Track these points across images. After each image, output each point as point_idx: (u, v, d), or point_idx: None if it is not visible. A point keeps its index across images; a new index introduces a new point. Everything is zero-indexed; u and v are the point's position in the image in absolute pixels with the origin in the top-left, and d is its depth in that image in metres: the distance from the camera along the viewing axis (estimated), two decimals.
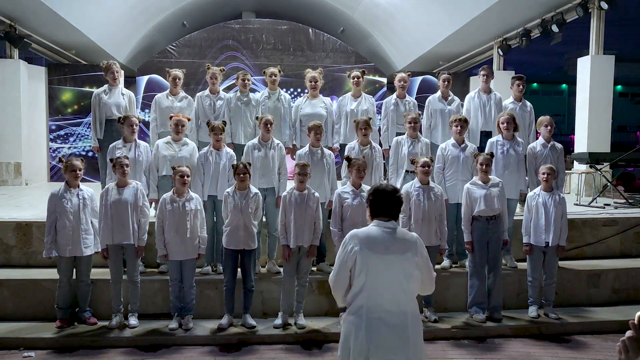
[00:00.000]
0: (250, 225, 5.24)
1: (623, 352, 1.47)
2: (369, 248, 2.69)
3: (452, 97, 6.88)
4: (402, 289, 2.67)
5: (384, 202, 2.83)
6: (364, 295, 2.65)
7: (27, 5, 8.98)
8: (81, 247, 5.20)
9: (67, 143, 11.45)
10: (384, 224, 2.79)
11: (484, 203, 5.42)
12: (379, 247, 2.70)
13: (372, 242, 2.71)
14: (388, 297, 2.64)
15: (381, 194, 2.85)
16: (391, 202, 2.84)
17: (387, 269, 2.66)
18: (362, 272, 2.66)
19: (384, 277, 2.66)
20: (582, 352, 5.02)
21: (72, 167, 5.21)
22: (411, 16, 11.74)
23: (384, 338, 2.59)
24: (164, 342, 5.07)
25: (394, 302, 2.64)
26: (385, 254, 2.68)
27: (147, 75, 11.49)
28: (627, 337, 1.47)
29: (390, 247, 2.70)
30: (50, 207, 5.22)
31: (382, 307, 2.63)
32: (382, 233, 2.75)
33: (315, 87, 6.55)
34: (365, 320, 2.62)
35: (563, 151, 6.27)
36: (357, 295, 2.68)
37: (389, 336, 2.59)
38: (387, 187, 2.90)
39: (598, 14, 9.06)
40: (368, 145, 5.98)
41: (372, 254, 2.67)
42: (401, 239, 2.76)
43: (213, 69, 6.63)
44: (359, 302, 2.66)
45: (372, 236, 2.74)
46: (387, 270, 2.66)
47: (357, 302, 2.67)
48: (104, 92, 6.46)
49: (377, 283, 2.65)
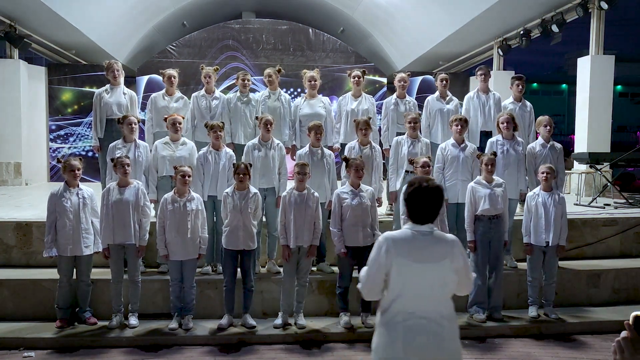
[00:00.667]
0: (249, 226, 5.24)
1: (618, 353, 1.47)
2: (405, 255, 2.53)
3: (451, 96, 6.89)
4: (439, 295, 2.56)
5: (423, 205, 2.60)
6: (399, 303, 2.53)
7: (27, 5, 8.98)
8: (81, 246, 5.20)
9: (67, 143, 11.45)
10: (420, 227, 2.61)
11: (488, 202, 5.42)
12: (416, 254, 2.54)
13: (408, 249, 2.55)
14: (424, 304, 2.53)
15: (420, 194, 2.60)
16: (432, 204, 2.61)
17: (424, 277, 2.53)
18: (398, 279, 2.53)
19: (421, 285, 2.53)
20: (582, 352, 5.02)
21: (71, 166, 5.22)
22: (411, 16, 11.74)
23: (421, 346, 2.49)
24: (164, 342, 5.07)
25: (431, 308, 2.53)
26: (422, 262, 2.53)
27: (147, 75, 11.49)
28: (622, 338, 1.47)
29: (427, 254, 2.55)
30: (50, 207, 5.22)
31: (418, 313, 2.52)
32: (419, 238, 2.58)
33: (314, 86, 6.55)
34: (402, 329, 2.50)
35: (562, 151, 6.27)
36: (392, 302, 2.55)
37: (426, 344, 2.50)
38: (428, 184, 2.61)
39: (598, 14, 9.06)
40: (368, 145, 5.98)
41: (408, 261, 2.52)
42: (438, 243, 2.58)
43: (206, 69, 6.63)
44: (394, 310, 2.54)
45: (408, 242, 2.57)
46: (424, 278, 2.53)
47: (392, 310, 2.55)
48: (106, 92, 6.46)
49: (413, 291, 2.53)
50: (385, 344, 2.53)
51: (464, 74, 13.63)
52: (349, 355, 4.91)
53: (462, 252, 2.62)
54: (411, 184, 2.65)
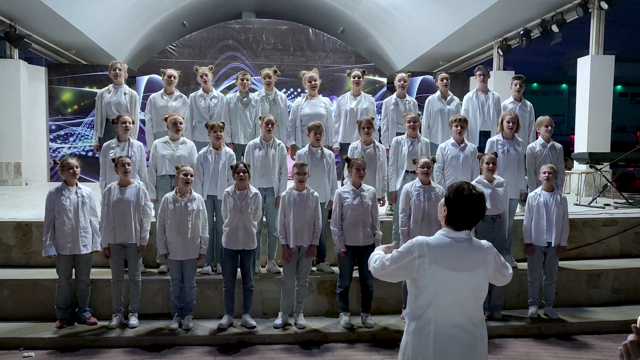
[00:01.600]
0: (249, 226, 5.24)
1: (625, 356, 1.46)
2: (439, 263, 2.46)
3: (452, 96, 6.88)
4: (472, 303, 2.52)
5: (464, 211, 2.51)
6: (432, 310, 2.48)
7: (27, 5, 8.98)
8: (80, 245, 5.20)
9: (67, 143, 11.45)
10: (456, 234, 2.53)
11: (490, 202, 5.42)
12: (450, 261, 2.47)
13: (443, 256, 2.47)
14: (457, 312, 2.49)
15: (466, 200, 2.50)
16: (473, 211, 2.52)
17: (458, 286, 2.48)
18: (431, 286, 2.47)
19: (454, 294, 2.48)
20: (582, 352, 5.02)
21: (69, 165, 5.21)
22: (411, 16, 11.74)
23: (453, 352, 2.47)
24: (164, 342, 5.07)
25: (463, 316, 2.50)
26: (456, 271, 2.46)
27: (147, 75, 11.49)
28: (630, 342, 1.46)
29: (462, 262, 2.48)
30: (49, 206, 5.21)
31: (450, 321, 2.48)
32: (454, 245, 2.51)
33: (314, 86, 6.54)
34: (433, 337, 2.47)
35: (562, 151, 6.27)
36: (425, 309, 2.50)
37: (458, 352, 2.48)
38: (473, 190, 2.52)
39: (598, 14, 9.06)
40: (371, 145, 5.98)
41: (442, 269, 2.46)
42: (474, 252, 2.52)
43: (202, 69, 6.63)
44: (426, 317, 2.49)
45: (443, 248, 2.49)
46: (458, 287, 2.48)
47: (425, 317, 2.50)
48: (107, 92, 6.47)
49: (447, 299, 2.48)
50: (415, 349, 2.50)
51: (464, 74, 13.63)
52: (349, 355, 4.91)
53: (496, 256, 2.57)
54: (457, 188, 2.54)
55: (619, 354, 1.48)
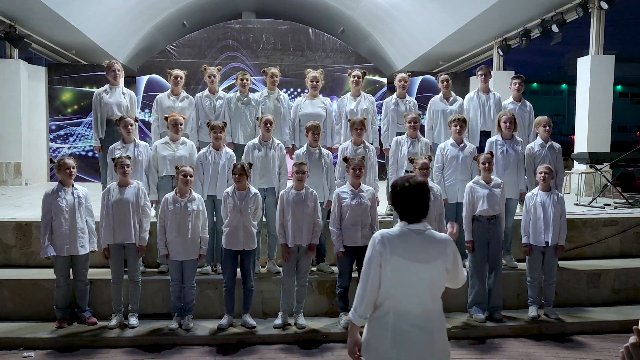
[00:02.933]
0: (249, 226, 5.24)
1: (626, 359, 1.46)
2: (399, 253, 2.54)
3: (454, 97, 6.87)
4: (430, 293, 2.58)
5: (410, 203, 2.59)
6: (391, 301, 2.57)
7: (27, 5, 8.99)
8: (77, 245, 5.19)
9: (67, 143, 11.45)
10: (414, 226, 2.60)
11: (486, 203, 5.42)
12: (409, 253, 2.55)
13: (402, 247, 2.56)
14: (415, 302, 2.56)
15: (406, 194, 2.58)
16: (418, 202, 2.58)
17: (416, 276, 2.55)
18: (391, 277, 2.55)
19: (413, 284, 2.55)
20: (582, 352, 5.02)
21: (66, 165, 5.21)
22: (411, 16, 11.74)
23: (411, 344, 2.53)
24: (164, 342, 5.07)
25: (421, 306, 2.56)
26: (415, 262, 2.54)
27: (147, 75, 11.49)
28: (631, 344, 1.46)
29: (420, 253, 2.56)
30: (45, 207, 5.21)
31: (409, 312, 2.55)
32: (412, 237, 2.58)
33: (316, 87, 6.54)
34: (392, 325, 2.55)
35: (561, 151, 6.27)
36: (384, 299, 2.58)
37: (416, 342, 2.54)
38: (410, 183, 2.59)
39: (598, 14, 9.06)
40: (362, 145, 5.97)
41: (401, 259, 2.54)
42: (432, 244, 2.59)
43: (210, 69, 6.63)
44: (385, 307, 2.58)
45: (403, 240, 2.58)
46: (416, 278, 2.55)
47: (384, 307, 2.59)
48: (105, 92, 6.45)
49: (405, 290, 2.55)
50: (375, 339, 2.58)
51: (464, 74, 13.62)
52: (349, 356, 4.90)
53: (454, 251, 2.63)
54: (394, 186, 2.64)
55: (620, 357, 1.47)
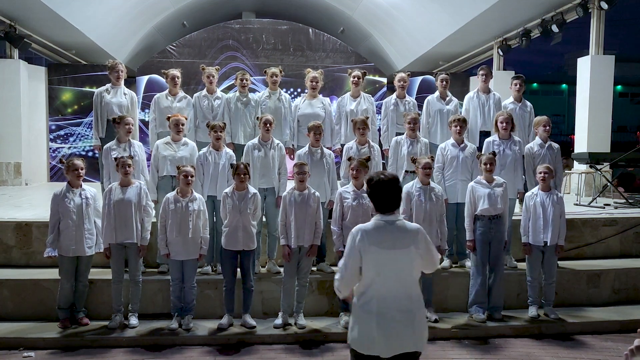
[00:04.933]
0: (249, 226, 5.25)
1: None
2: (376, 244, 2.79)
3: (450, 97, 6.88)
4: (407, 278, 2.83)
5: (383, 194, 2.86)
6: (374, 288, 2.79)
7: (27, 5, 8.99)
8: (84, 247, 5.20)
9: (67, 143, 11.45)
10: (386, 217, 2.86)
11: (487, 202, 5.43)
12: (385, 242, 2.79)
13: (378, 237, 2.80)
14: (395, 286, 2.79)
15: (379, 186, 2.87)
16: (390, 194, 2.86)
17: (395, 263, 2.79)
18: (371, 267, 2.78)
19: (392, 271, 2.79)
20: (582, 352, 5.02)
21: (74, 166, 5.22)
22: (411, 16, 11.74)
23: (393, 325, 2.75)
24: (165, 342, 5.07)
25: (401, 289, 2.80)
26: (391, 249, 2.78)
27: (147, 75, 11.49)
28: (636, 347, 1.46)
29: (395, 242, 2.80)
30: (54, 208, 5.21)
31: (390, 296, 2.78)
32: (387, 227, 2.83)
33: (315, 87, 6.54)
34: (376, 310, 2.76)
35: (560, 151, 6.27)
36: (367, 287, 2.81)
37: (397, 321, 2.76)
38: (384, 178, 2.88)
39: (598, 14, 9.06)
40: (366, 145, 5.98)
41: (379, 249, 2.78)
42: (405, 232, 2.84)
43: (209, 69, 6.62)
44: (369, 294, 2.80)
45: (378, 231, 2.82)
46: (394, 264, 2.79)
47: (368, 294, 2.81)
48: (106, 91, 6.45)
49: (385, 277, 2.78)
50: (361, 323, 2.81)
51: (464, 74, 13.63)
52: (349, 356, 4.90)
53: (425, 238, 2.89)
54: (370, 180, 2.92)
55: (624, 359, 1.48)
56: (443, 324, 5.44)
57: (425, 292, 5.46)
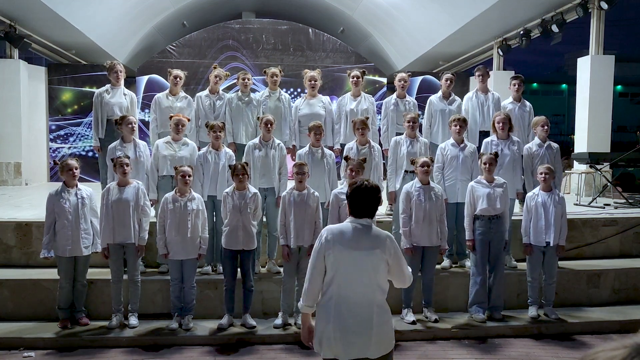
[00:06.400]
0: (249, 226, 5.25)
1: None
2: (341, 243, 2.82)
3: (453, 97, 6.88)
4: (369, 282, 2.80)
5: (361, 202, 2.90)
6: (334, 287, 2.82)
7: (27, 5, 8.98)
8: (80, 246, 5.20)
9: (67, 143, 11.45)
10: (358, 220, 2.90)
11: (486, 202, 5.43)
12: (350, 242, 2.82)
13: (344, 238, 2.83)
14: (356, 289, 2.79)
15: (360, 192, 2.90)
16: (368, 201, 2.90)
17: (357, 264, 2.80)
18: (334, 265, 2.81)
19: (353, 271, 2.80)
20: (582, 352, 5.00)
21: (68, 166, 5.22)
22: (411, 16, 11.74)
23: (349, 328, 2.75)
24: (164, 342, 5.07)
25: (361, 293, 2.79)
26: (355, 250, 2.80)
27: (147, 75, 11.49)
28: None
29: (360, 243, 2.82)
30: (49, 208, 5.22)
31: (349, 298, 2.78)
32: (355, 229, 2.86)
33: (314, 86, 6.54)
34: (333, 311, 2.78)
35: (559, 151, 6.27)
36: (328, 285, 2.84)
37: (354, 326, 2.75)
38: (367, 185, 2.92)
39: (598, 14, 9.06)
40: (366, 145, 5.98)
41: (343, 248, 2.80)
42: (372, 236, 2.86)
43: (219, 70, 6.63)
44: (329, 293, 2.83)
45: (345, 232, 2.86)
46: (356, 265, 2.80)
47: (328, 293, 2.84)
48: (106, 92, 6.45)
49: (346, 276, 2.80)
50: (319, 323, 2.83)
51: (464, 74, 13.62)
52: None
53: (395, 246, 2.88)
54: (353, 184, 2.96)
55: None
56: (443, 324, 5.44)
57: (425, 292, 5.51)
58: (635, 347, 0.93)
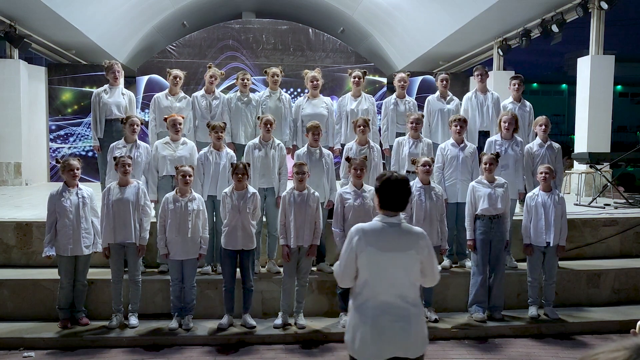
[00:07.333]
0: (248, 226, 5.25)
1: None
2: (373, 244, 2.72)
3: (451, 96, 6.89)
4: (404, 282, 2.73)
5: (392, 194, 2.79)
6: (368, 290, 2.73)
7: (27, 5, 8.98)
8: (81, 246, 5.20)
9: (67, 143, 11.45)
10: (389, 219, 2.78)
11: (487, 202, 5.43)
12: (383, 243, 2.73)
13: (376, 239, 2.73)
14: (391, 290, 2.71)
15: (389, 185, 2.80)
16: (399, 193, 2.80)
17: (391, 266, 2.71)
18: (367, 267, 2.72)
19: (388, 273, 2.71)
20: (582, 352, 4.99)
21: (70, 166, 5.22)
22: (411, 16, 11.74)
23: (388, 330, 2.68)
24: (164, 342, 5.07)
25: (397, 294, 2.71)
26: (388, 251, 2.72)
27: (147, 75, 11.49)
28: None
29: (394, 244, 2.73)
30: (50, 207, 5.22)
31: (386, 300, 2.70)
32: (387, 229, 2.76)
33: (316, 86, 6.54)
34: (370, 314, 2.70)
35: (561, 151, 6.27)
36: (362, 288, 2.75)
37: (392, 328, 2.68)
38: (397, 177, 2.83)
39: (598, 14, 9.06)
40: (366, 145, 5.98)
41: (376, 250, 2.71)
42: (406, 235, 2.77)
43: (213, 70, 6.62)
44: (364, 296, 2.74)
45: (377, 232, 2.76)
46: (390, 267, 2.71)
47: (362, 296, 2.75)
48: (104, 92, 6.45)
49: (380, 278, 2.72)
50: (356, 325, 2.74)
51: (464, 74, 13.62)
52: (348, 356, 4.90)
53: (428, 245, 2.79)
54: (382, 175, 2.87)
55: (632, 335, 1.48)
56: (443, 323, 5.44)
57: (425, 292, 5.51)
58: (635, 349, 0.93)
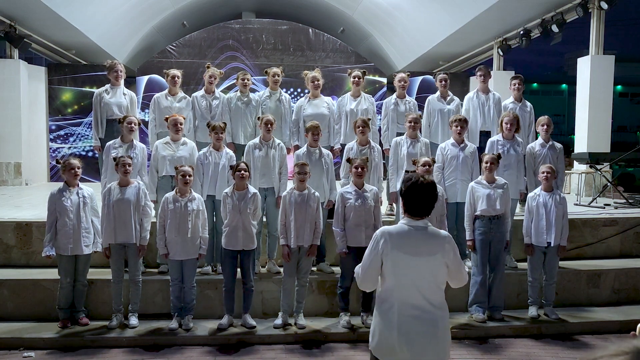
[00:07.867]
0: (249, 226, 5.24)
1: None
2: (399, 248, 2.68)
3: (452, 96, 6.89)
4: (431, 286, 2.70)
5: (418, 199, 2.73)
6: (395, 294, 2.69)
7: (27, 5, 8.98)
8: (82, 245, 5.20)
9: (67, 143, 11.45)
10: (415, 222, 2.75)
11: (486, 202, 5.43)
12: (409, 248, 2.69)
13: (402, 242, 2.70)
14: (417, 294, 2.68)
15: (416, 190, 2.73)
16: (426, 199, 2.74)
17: (417, 270, 2.68)
18: (392, 272, 2.69)
19: (414, 277, 2.68)
20: (582, 352, 5.02)
21: (70, 165, 5.22)
22: (411, 16, 11.74)
23: (415, 334, 2.65)
24: (164, 342, 5.07)
25: (423, 298, 2.68)
26: (414, 256, 2.68)
27: (147, 75, 11.49)
28: None
29: (420, 248, 2.70)
30: (50, 207, 5.22)
31: (412, 305, 2.67)
32: (413, 232, 2.73)
33: (317, 86, 6.53)
34: (397, 319, 2.66)
35: (562, 151, 6.27)
36: (389, 292, 2.72)
37: (420, 332, 2.65)
38: (423, 181, 2.75)
39: (598, 14, 9.06)
40: (367, 145, 5.98)
41: (403, 254, 2.68)
42: (432, 238, 2.73)
43: (212, 70, 6.62)
44: (391, 300, 2.70)
45: (403, 235, 2.72)
46: (417, 271, 2.68)
47: (390, 300, 2.71)
48: (106, 92, 6.45)
49: (407, 283, 2.68)
50: (382, 330, 2.71)
51: (464, 74, 13.62)
52: (349, 356, 4.91)
53: (454, 248, 2.76)
54: (408, 179, 2.79)
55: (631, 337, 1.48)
56: None
57: None
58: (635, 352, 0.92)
